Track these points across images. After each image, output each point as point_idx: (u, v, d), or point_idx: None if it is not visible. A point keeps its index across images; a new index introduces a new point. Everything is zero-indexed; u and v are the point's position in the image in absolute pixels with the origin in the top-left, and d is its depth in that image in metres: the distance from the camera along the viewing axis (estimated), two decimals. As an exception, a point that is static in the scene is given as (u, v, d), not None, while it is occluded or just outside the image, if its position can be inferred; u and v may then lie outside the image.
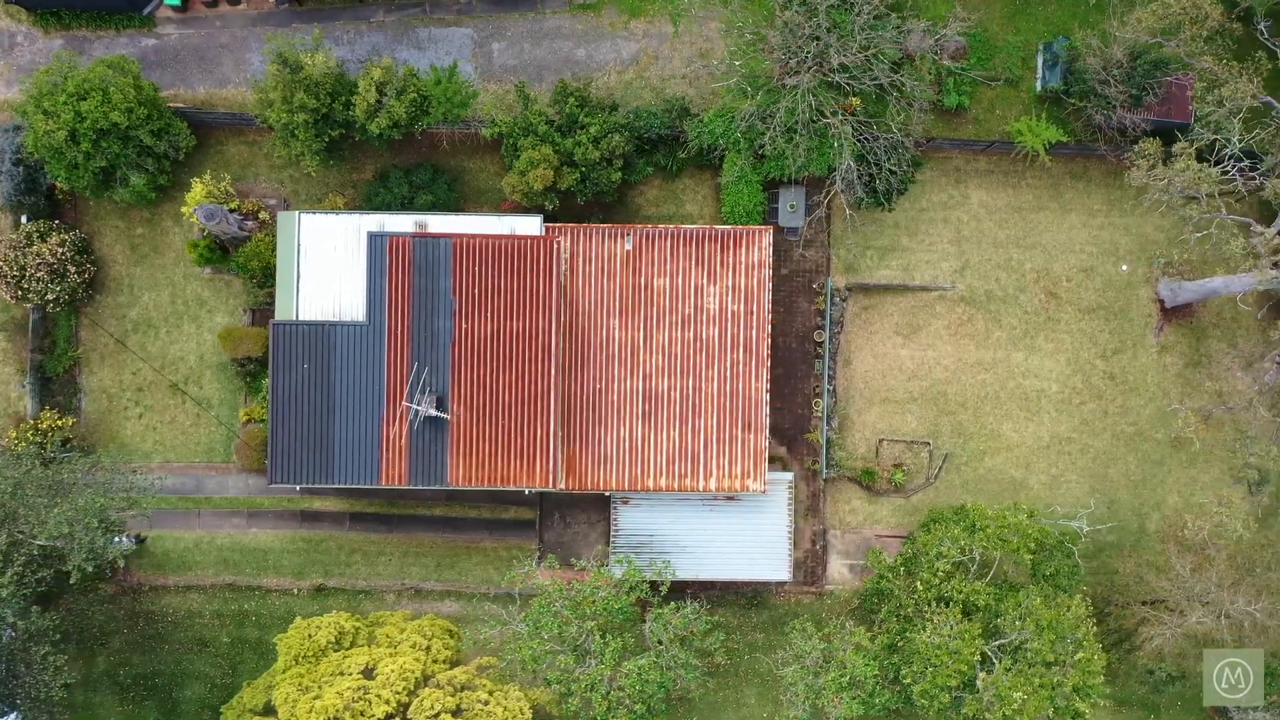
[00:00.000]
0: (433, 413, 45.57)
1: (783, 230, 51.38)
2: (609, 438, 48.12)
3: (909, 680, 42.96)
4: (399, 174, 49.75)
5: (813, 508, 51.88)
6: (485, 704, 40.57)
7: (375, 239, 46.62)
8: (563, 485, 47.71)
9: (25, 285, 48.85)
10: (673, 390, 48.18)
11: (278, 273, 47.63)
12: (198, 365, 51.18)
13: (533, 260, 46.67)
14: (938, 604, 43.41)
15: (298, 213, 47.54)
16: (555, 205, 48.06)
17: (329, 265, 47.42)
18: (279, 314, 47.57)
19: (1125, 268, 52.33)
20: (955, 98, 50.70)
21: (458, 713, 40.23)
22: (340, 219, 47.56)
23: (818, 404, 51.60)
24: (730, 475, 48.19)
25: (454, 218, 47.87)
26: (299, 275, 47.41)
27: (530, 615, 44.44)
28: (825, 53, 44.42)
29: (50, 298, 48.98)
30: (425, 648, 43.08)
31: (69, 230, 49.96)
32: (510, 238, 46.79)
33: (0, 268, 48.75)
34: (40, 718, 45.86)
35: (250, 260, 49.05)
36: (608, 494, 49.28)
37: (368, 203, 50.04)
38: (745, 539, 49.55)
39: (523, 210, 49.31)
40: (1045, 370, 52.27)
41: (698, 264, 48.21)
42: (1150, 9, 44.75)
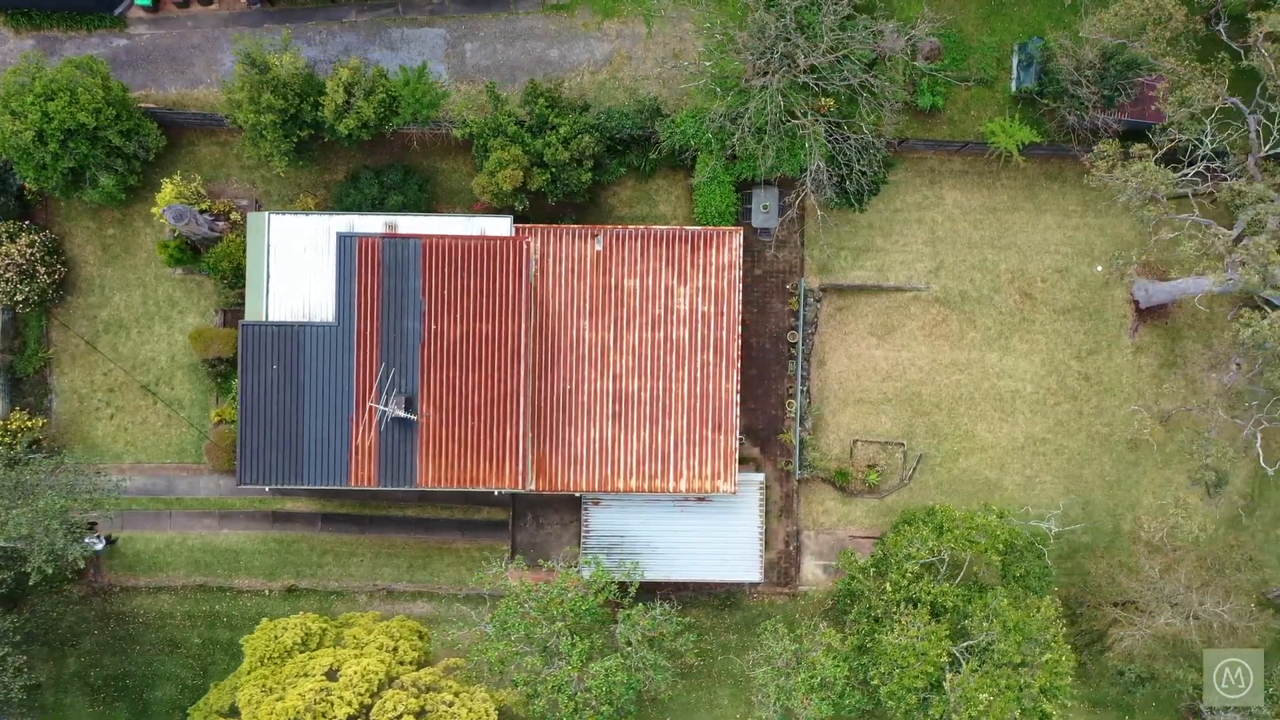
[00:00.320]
0: (400, 414, 45.43)
1: (756, 231, 51.24)
2: (579, 439, 47.99)
3: (877, 681, 42.98)
4: (370, 175, 49.62)
5: (786, 509, 51.73)
6: (450, 705, 40.43)
7: (345, 240, 46.49)
8: (532, 486, 47.57)
9: (-6, 286, 48.73)
10: (643, 391, 48.05)
11: (247, 274, 47.49)
12: (169, 366, 51.06)
13: (502, 261, 46.55)
14: (906, 605, 43.32)
15: (267, 213, 47.42)
16: (525, 206, 47.92)
17: (299, 266, 47.30)
18: (249, 315, 47.43)
19: (1100, 268, 52.21)
20: (929, 98, 50.55)
21: (421, 714, 40.08)
22: (310, 220, 47.45)
23: (791, 405, 51.46)
24: (700, 476, 48.06)
25: (424, 219, 47.74)
26: (269, 276, 47.30)
27: (497, 616, 44.37)
28: (794, 54, 44.30)
29: (19, 298, 48.85)
30: (392, 649, 42.97)
31: (39, 231, 49.83)
32: (480, 238, 46.66)
33: (-31, 269, 48.68)
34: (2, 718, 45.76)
35: (221, 261, 48.93)
36: (579, 495, 49.17)
37: (339, 203, 49.91)
38: (716, 540, 49.42)
39: (494, 211, 49.19)
40: (1020, 371, 52.14)
41: (668, 265, 48.08)
42: (1113, 10, 44.65)
